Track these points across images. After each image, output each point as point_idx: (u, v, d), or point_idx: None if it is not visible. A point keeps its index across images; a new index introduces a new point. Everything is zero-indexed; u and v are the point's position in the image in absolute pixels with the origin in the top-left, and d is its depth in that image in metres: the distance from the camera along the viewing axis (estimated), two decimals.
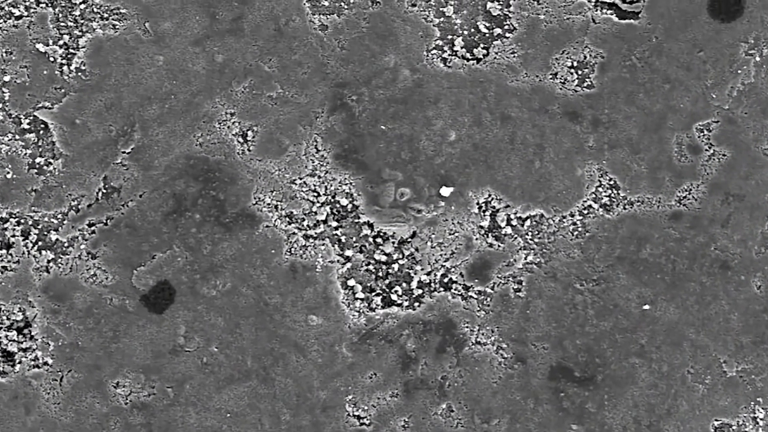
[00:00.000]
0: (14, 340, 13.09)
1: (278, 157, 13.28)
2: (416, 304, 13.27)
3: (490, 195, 13.34)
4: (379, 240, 13.32)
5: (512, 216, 13.34)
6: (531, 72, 13.42)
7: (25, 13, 13.35)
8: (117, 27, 13.33)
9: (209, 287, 13.16)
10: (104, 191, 13.15)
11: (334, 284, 13.23)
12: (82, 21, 13.33)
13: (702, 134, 13.43)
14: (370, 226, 13.32)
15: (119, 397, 13.10)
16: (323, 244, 13.26)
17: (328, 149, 13.29)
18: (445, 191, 13.27)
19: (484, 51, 13.44)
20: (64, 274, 13.10)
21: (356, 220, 13.31)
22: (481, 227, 13.32)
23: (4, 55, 13.27)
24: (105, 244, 13.14)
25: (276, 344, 13.16)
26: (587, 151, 13.40)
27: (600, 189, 13.39)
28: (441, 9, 13.45)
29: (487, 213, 13.34)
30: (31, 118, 13.25)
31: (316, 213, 13.26)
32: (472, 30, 13.47)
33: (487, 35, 13.48)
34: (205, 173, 13.20)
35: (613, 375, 13.23)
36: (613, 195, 13.38)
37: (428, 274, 13.31)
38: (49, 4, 13.36)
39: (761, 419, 13.32)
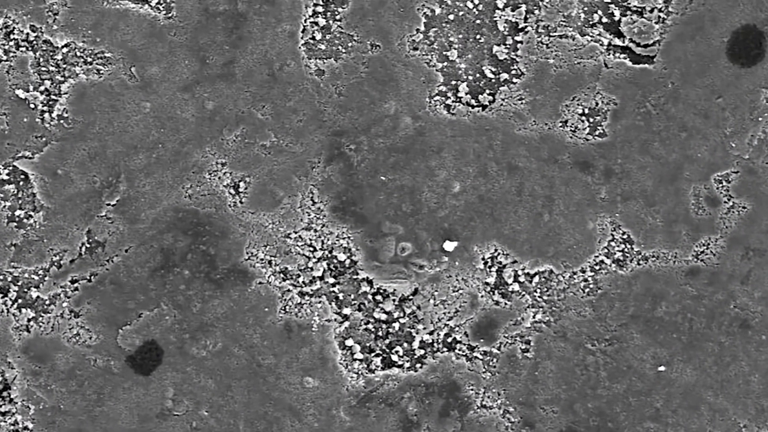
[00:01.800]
0: None
1: (272, 210, 13.36)
2: (418, 365, 13.37)
3: (496, 250, 13.40)
4: (378, 297, 13.39)
5: (520, 272, 13.41)
6: (540, 119, 13.46)
7: (4, 58, 13.34)
8: (101, 72, 13.35)
9: (199, 347, 13.24)
10: (88, 246, 13.25)
11: (331, 344, 13.33)
12: (65, 65, 13.34)
13: (721, 185, 13.48)
14: (370, 282, 13.39)
15: None
16: (320, 302, 13.34)
17: (325, 201, 13.36)
18: (449, 246, 13.36)
19: (490, 97, 13.48)
20: (46, 334, 13.19)
21: (355, 277, 13.39)
22: (487, 284, 13.40)
23: None
24: (89, 302, 13.22)
25: (270, 408, 13.24)
26: (599, 203, 13.45)
27: (613, 243, 13.46)
28: (444, 53, 13.48)
29: (493, 269, 13.40)
30: (11, 168, 13.30)
31: (312, 269, 13.34)
32: (478, 75, 13.50)
33: (493, 81, 13.51)
34: (194, 227, 13.27)
35: None
36: (626, 250, 13.44)
37: (431, 333, 13.40)
38: (30, 48, 13.35)
39: None
